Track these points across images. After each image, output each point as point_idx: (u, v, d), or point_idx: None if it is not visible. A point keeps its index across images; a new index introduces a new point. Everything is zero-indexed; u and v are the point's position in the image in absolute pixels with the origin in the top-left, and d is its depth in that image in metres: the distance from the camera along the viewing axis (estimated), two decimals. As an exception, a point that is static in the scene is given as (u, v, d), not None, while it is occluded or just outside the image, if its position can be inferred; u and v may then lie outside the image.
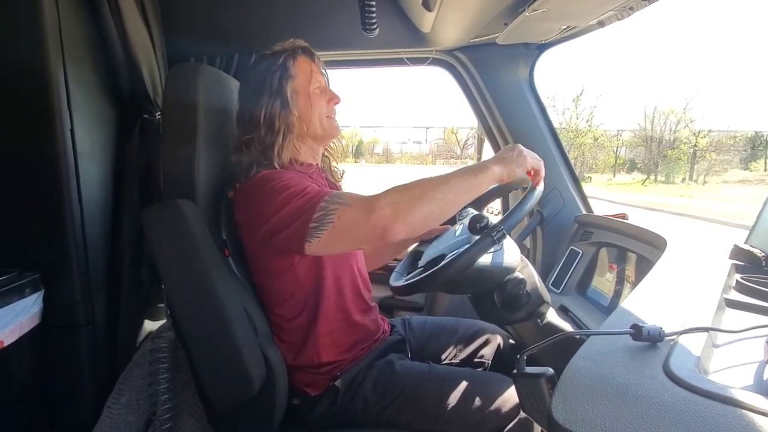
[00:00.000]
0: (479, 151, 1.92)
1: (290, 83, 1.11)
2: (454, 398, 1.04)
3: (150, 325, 1.47)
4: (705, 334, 0.63)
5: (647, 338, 0.60)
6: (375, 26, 0.96)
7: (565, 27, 1.30)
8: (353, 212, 0.90)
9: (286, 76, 1.11)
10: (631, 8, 1.14)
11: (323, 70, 1.20)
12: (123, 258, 1.31)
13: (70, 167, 1.14)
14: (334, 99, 1.18)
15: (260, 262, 1.09)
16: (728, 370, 0.58)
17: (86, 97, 1.21)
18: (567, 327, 1.12)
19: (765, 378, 0.55)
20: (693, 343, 0.60)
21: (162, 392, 1.16)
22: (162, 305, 1.51)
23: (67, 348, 1.20)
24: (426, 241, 1.27)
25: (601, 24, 1.27)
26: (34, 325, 1.10)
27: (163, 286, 1.23)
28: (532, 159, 0.97)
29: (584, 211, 1.61)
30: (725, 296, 0.80)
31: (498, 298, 1.05)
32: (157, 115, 1.40)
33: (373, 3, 0.93)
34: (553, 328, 1.09)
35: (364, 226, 0.89)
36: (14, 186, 1.15)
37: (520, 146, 0.97)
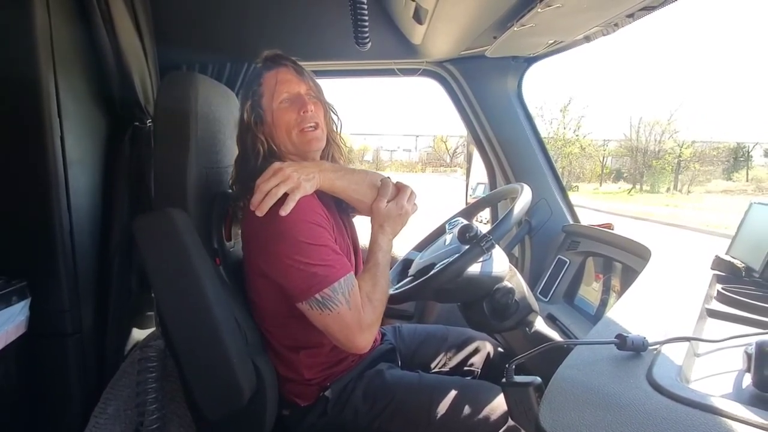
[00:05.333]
0: (469, 161, 1.94)
1: (258, 105, 1.09)
2: (443, 407, 1.04)
3: (138, 334, 1.46)
4: (687, 343, 0.64)
5: (631, 347, 0.62)
6: (368, 40, 0.97)
7: (552, 41, 1.34)
8: (349, 319, 0.95)
9: (252, 98, 1.09)
10: (616, 24, 1.17)
11: (301, 76, 1.11)
12: (112, 266, 1.30)
13: (59, 175, 1.13)
14: (303, 107, 1.07)
15: (252, 277, 1.07)
16: (709, 379, 0.60)
17: (77, 105, 1.20)
18: (555, 336, 1.13)
19: (744, 387, 0.57)
20: (675, 353, 0.62)
21: (150, 402, 1.15)
22: (151, 313, 1.50)
23: (54, 357, 1.19)
24: (416, 249, 1.29)
25: (587, 39, 1.30)
26: (20, 334, 1.09)
27: (153, 294, 1.22)
28: (411, 204, 1.08)
29: (571, 221, 1.64)
30: (707, 306, 0.82)
31: (487, 306, 1.06)
32: (148, 122, 1.40)
33: (366, 19, 0.94)
34: (541, 337, 1.11)
35: (351, 336, 0.96)
36: (2, 193, 1.14)
37: (402, 201, 1.06)
